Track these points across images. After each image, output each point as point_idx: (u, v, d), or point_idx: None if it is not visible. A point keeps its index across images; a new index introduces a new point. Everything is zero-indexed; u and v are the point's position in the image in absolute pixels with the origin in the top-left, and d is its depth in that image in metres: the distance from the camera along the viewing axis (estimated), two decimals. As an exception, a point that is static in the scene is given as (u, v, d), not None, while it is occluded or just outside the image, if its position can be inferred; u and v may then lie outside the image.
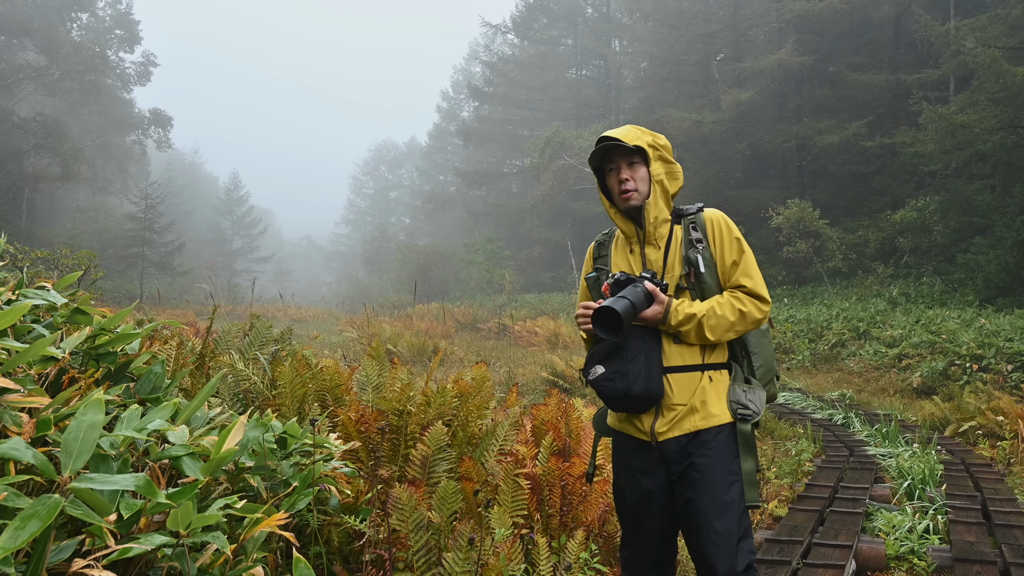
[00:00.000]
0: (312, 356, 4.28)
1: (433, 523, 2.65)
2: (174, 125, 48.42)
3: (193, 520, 1.52)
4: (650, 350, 2.16)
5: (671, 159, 2.28)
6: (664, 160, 2.25)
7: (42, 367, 2.03)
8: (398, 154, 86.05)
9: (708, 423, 2.14)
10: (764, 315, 2.19)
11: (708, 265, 2.20)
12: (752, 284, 2.19)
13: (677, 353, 2.18)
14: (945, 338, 12.38)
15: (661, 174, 2.23)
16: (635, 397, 2.14)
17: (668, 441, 2.17)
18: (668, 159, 2.27)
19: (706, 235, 2.23)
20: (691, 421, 2.15)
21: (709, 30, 30.79)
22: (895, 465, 6.19)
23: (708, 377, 2.18)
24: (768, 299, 2.20)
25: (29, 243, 22.47)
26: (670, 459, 2.17)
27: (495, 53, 52.25)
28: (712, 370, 2.21)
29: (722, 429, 2.15)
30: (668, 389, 2.17)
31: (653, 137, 2.26)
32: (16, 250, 14.83)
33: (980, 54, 16.12)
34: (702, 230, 2.24)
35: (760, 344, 2.29)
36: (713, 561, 2.08)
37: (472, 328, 23.55)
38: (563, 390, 10.00)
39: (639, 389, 2.13)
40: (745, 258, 2.22)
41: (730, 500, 2.10)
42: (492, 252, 34.70)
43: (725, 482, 2.11)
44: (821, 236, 21.72)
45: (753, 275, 2.21)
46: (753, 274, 2.21)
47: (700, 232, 2.23)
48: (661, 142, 2.27)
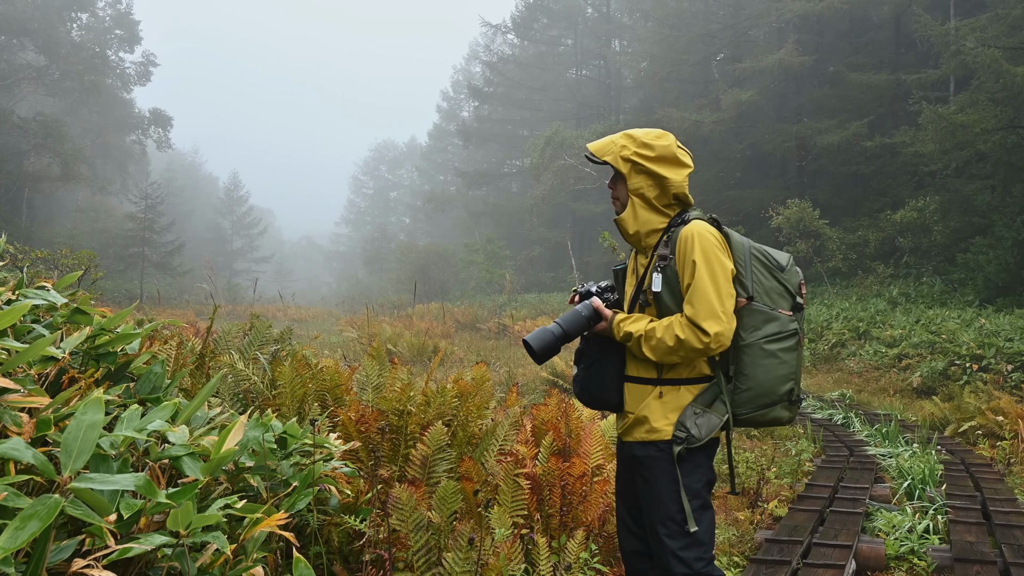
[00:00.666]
0: (312, 356, 4.29)
1: (433, 523, 2.65)
2: (174, 125, 48.44)
3: (193, 520, 1.52)
4: (610, 357, 2.25)
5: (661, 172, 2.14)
6: (648, 172, 2.15)
7: (42, 367, 2.03)
8: (398, 154, 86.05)
9: (650, 437, 2.15)
10: (704, 346, 2.02)
11: (668, 283, 2.13)
12: (692, 312, 2.04)
13: (634, 364, 2.23)
14: (945, 338, 12.38)
15: (641, 187, 2.17)
16: (586, 401, 2.30)
17: (627, 443, 2.26)
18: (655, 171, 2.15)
19: (674, 251, 2.13)
20: (639, 431, 2.19)
21: (709, 30, 30.78)
22: (895, 465, 6.19)
23: (659, 392, 2.15)
24: (709, 331, 2.00)
25: (29, 243, 22.46)
26: (629, 460, 2.26)
27: (495, 53, 52.24)
28: (669, 385, 2.15)
29: (665, 447, 2.13)
30: (625, 396, 2.24)
31: (638, 148, 2.16)
32: (16, 250, 14.82)
33: (980, 54, 16.11)
34: (672, 246, 2.14)
35: (756, 366, 2.09)
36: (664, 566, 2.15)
37: (472, 328, 23.55)
38: (563, 390, 10.00)
39: (587, 396, 2.28)
40: (696, 283, 2.06)
41: (667, 515, 2.12)
42: (492, 252, 34.70)
43: (667, 494, 2.13)
44: (821, 236, 21.72)
45: (696, 303, 2.04)
46: (696, 302, 2.04)
47: (670, 248, 2.15)
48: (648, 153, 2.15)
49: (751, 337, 2.10)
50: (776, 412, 2.14)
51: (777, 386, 2.11)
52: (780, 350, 2.11)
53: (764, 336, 2.10)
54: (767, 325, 2.11)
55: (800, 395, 2.18)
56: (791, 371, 2.13)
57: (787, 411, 2.16)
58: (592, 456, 3.70)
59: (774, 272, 2.16)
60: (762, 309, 2.12)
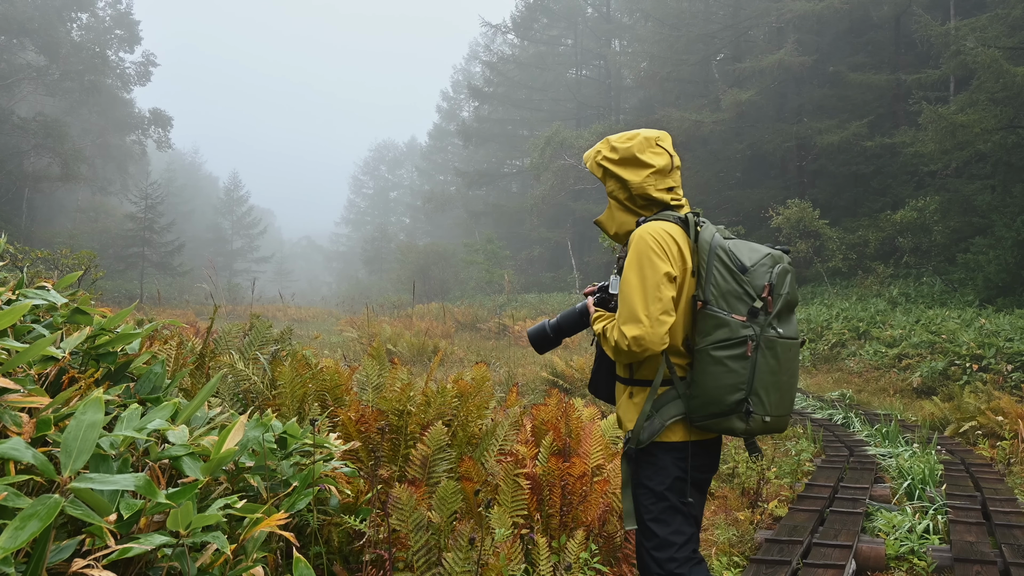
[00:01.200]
0: (312, 356, 4.29)
1: (433, 523, 2.65)
2: (174, 125, 48.48)
3: (193, 520, 1.52)
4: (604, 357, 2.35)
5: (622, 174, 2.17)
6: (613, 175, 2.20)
7: (42, 367, 2.03)
8: (398, 154, 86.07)
9: (623, 433, 2.28)
10: (628, 349, 1.99)
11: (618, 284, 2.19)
12: (618, 315, 2.05)
13: (616, 364, 2.29)
14: (945, 338, 12.38)
15: (613, 190, 2.23)
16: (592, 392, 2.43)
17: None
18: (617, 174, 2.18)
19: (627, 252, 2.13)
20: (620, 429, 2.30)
21: (709, 30, 30.78)
22: (895, 465, 6.19)
23: (629, 392, 2.19)
24: (627, 334, 1.98)
25: (29, 243, 22.48)
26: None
27: (495, 53, 52.25)
28: (638, 386, 2.16)
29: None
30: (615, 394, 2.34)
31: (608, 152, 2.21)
32: (16, 250, 14.83)
33: (980, 54, 16.11)
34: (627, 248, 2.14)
35: (705, 373, 2.01)
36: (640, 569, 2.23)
37: (472, 328, 23.56)
38: (563, 390, 10.00)
39: (592, 389, 2.42)
40: (622, 286, 2.05)
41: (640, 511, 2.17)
42: (492, 252, 34.71)
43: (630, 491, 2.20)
44: (821, 236, 21.72)
45: (621, 306, 2.04)
46: (621, 304, 2.04)
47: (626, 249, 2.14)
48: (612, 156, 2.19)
49: (702, 343, 2.03)
50: (729, 423, 2.03)
51: (724, 395, 2.00)
52: (727, 357, 1.99)
53: (712, 342, 2.00)
54: (717, 331, 2.00)
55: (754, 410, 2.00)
56: (740, 380, 1.99)
57: (741, 422, 2.02)
58: (592, 456, 3.70)
59: (735, 274, 2.03)
60: (715, 314, 2.01)
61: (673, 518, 2.12)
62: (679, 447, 2.13)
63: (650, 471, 2.14)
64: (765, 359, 2.01)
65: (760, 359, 2.00)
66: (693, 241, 2.09)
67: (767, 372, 2.02)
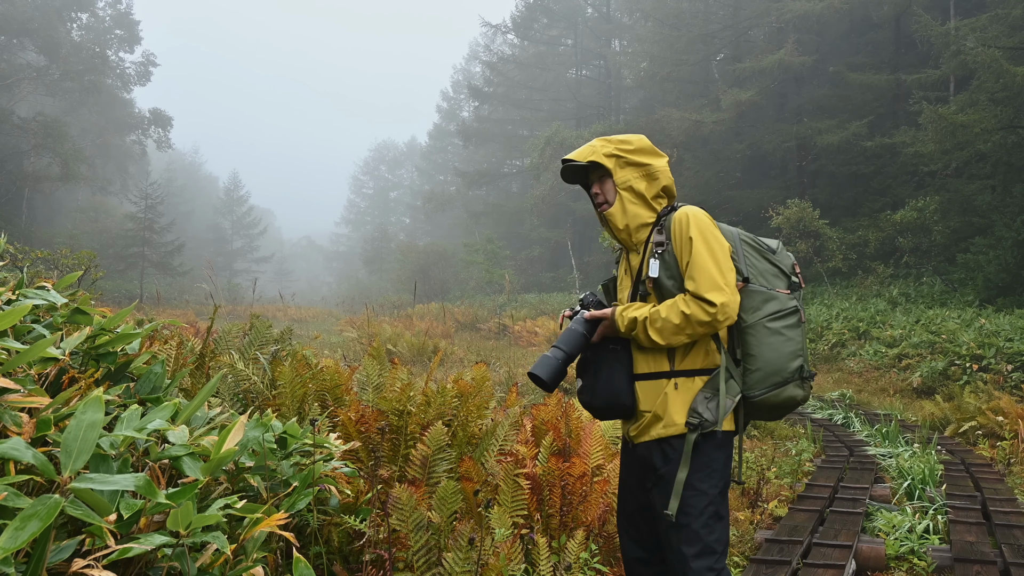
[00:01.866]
0: (312, 356, 4.28)
1: (433, 523, 2.65)
2: (174, 125, 48.46)
3: (193, 520, 1.52)
4: (618, 359, 2.21)
5: (644, 160, 2.22)
6: (634, 164, 2.21)
7: (42, 367, 2.03)
8: (398, 154, 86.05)
9: (668, 432, 2.11)
10: (712, 318, 2.02)
11: (667, 268, 2.14)
12: (695, 286, 2.05)
13: (643, 360, 2.19)
14: (945, 338, 12.37)
15: (628, 180, 2.21)
16: (599, 409, 2.23)
17: (639, 445, 2.21)
18: (639, 161, 2.21)
19: (670, 236, 2.17)
20: (655, 429, 2.14)
21: (709, 30, 30.77)
22: (895, 465, 6.19)
23: (674, 384, 2.13)
24: (715, 301, 2.01)
25: (29, 243, 22.47)
26: (643, 463, 2.21)
27: (495, 53, 52.22)
28: (682, 376, 2.13)
29: (682, 439, 2.10)
30: (637, 396, 2.19)
31: (616, 145, 2.23)
32: (16, 250, 14.83)
33: (980, 54, 16.11)
34: (667, 232, 2.18)
35: (763, 345, 2.09)
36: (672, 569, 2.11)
37: (472, 328, 23.55)
38: (563, 390, 9.99)
39: (600, 402, 2.21)
40: (694, 258, 2.08)
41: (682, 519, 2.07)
42: (492, 252, 34.70)
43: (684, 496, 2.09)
44: (821, 236, 21.71)
45: (697, 276, 2.06)
46: (697, 275, 2.06)
47: (665, 234, 2.18)
48: (627, 147, 2.22)
49: (753, 317, 2.11)
50: (789, 391, 2.12)
51: (787, 363, 2.10)
52: (784, 327, 2.11)
53: (766, 315, 2.11)
54: (767, 304, 2.12)
55: (811, 371, 2.17)
56: (798, 347, 2.12)
57: (800, 389, 2.13)
58: (592, 456, 3.70)
59: (765, 255, 2.19)
60: (759, 289, 2.13)
61: (716, 525, 2.08)
62: (729, 440, 2.16)
63: (703, 473, 2.09)
64: (803, 328, 2.19)
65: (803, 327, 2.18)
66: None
67: (806, 339, 2.20)
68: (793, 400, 2.14)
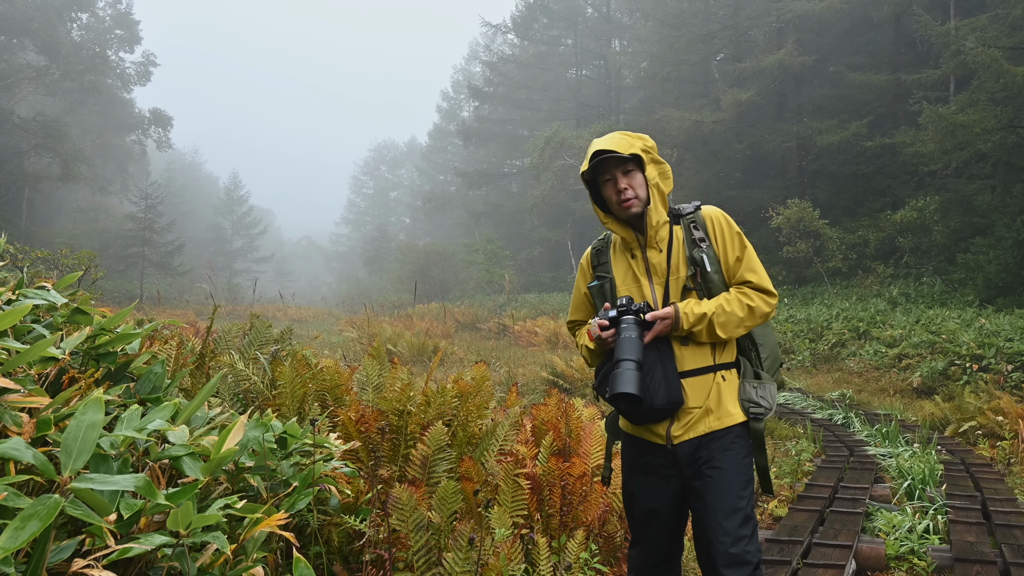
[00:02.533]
0: (312, 356, 4.28)
1: (433, 523, 2.65)
2: (174, 125, 48.47)
3: (193, 520, 1.52)
4: (665, 359, 2.16)
5: (660, 159, 2.29)
6: (656, 162, 2.26)
7: (42, 367, 2.03)
8: (398, 154, 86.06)
9: (723, 423, 2.15)
10: (772, 308, 2.22)
11: (712, 263, 2.20)
12: (758, 279, 2.21)
13: (689, 357, 2.18)
14: (945, 338, 12.37)
15: (656, 177, 2.22)
16: (659, 410, 2.15)
17: (683, 444, 2.18)
18: (658, 160, 2.27)
19: (707, 233, 2.24)
20: (706, 423, 2.15)
21: (709, 30, 30.76)
22: (895, 465, 6.19)
23: (721, 376, 2.20)
24: (774, 292, 2.23)
25: (29, 243, 22.48)
26: (684, 461, 2.18)
27: (495, 53, 52.23)
28: (724, 369, 2.22)
29: (735, 429, 2.17)
30: (687, 393, 2.17)
31: (642, 141, 2.25)
32: (16, 250, 14.83)
33: (980, 54, 16.11)
34: (703, 228, 2.24)
35: (764, 335, 2.32)
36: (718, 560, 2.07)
37: (472, 328, 23.55)
38: (563, 390, 10.00)
39: (661, 401, 2.12)
40: (748, 253, 2.24)
41: (741, 501, 2.10)
42: (492, 252, 34.71)
43: (738, 483, 2.11)
44: (821, 236, 21.71)
45: (757, 269, 2.23)
46: (757, 268, 2.23)
47: (701, 231, 2.24)
48: (649, 144, 2.26)
49: None
50: (780, 376, 2.37)
51: (779, 351, 2.37)
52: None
53: None
54: None
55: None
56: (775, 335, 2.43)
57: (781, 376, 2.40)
58: (592, 456, 3.69)
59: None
60: None
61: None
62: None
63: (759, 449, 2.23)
64: None
65: None
66: None
67: None
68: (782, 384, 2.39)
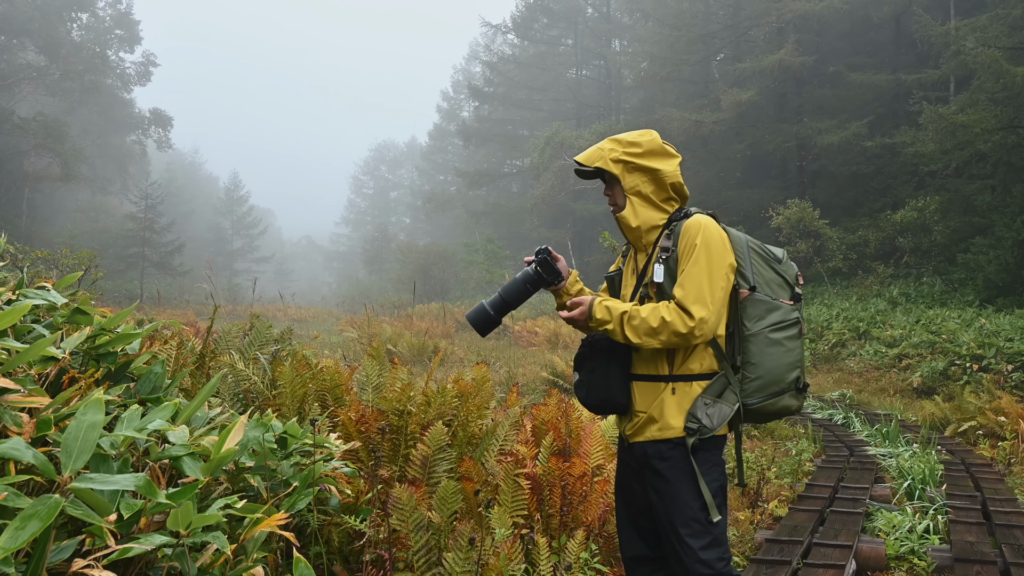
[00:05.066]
0: (312, 356, 4.28)
1: (433, 523, 2.65)
2: (174, 125, 48.50)
3: (193, 520, 1.52)
4: (616, 358, 2.22)
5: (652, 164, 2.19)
6: (641, 169, 2.19)
7: (42, 367, 2.03)
8: (398, 154, 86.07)
9: (664, 435, 2.12)
10: (688, 330, 2.02)
11: (671, 274, 2.14)
12: (681, 295, 2.05)
13: (639, 361, 2.20)
14: (945, 338, 12.37)
15: (636, 185, 2.20)
16: (593, 406, 2.27)
17: (636, 444, 2.22)
18: (646, 166, 2.19)
19: (676, 244, 2.15)
20: (650, 430, 2.15)
21: (709, 30, 30.76)
22: (895, 465, 6.19)
23: (671, 389, 2.13)
24: (695, 315, 2.01)
25: (29, 243, 22.48)
26: (640, 462, 2.21)
27: (495, 53, 52.23)
28: (681, 381, 2.12)
29: (680, 443, 2.11)
30: (633, 396, 2.21)
31: (625, 148, 2.20)
32: (16, 250, 14.83)
33: (980, 54, 16.11)
34: (675, 238, 2.16)
35: (764, 354, 2.12)
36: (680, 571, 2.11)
37: (472, 328, 23.51)
38: (563, 390, 10.00)
39: (595, 399, 2.24)
40: (690, 267, 2.07)
41: (688, 515, 2.09)
42: (492, 252, 34.70)
43: (684, 496, 2.10)
44: (821, 236, 21.71)
45: (687, 286, 2.05)
46: (688, 285, 2.05)
47: (673, 240, 2.17)
48: (636, 151, 2.19)
49: (756, 326, 2.12)
50: (785, 401, 2.16)
51: (785, 374, 2.14)
52: (785, 338, 2.15)
53: (769, 325, 2.13)
54: (771, 314, 2.14)
55: (806, 383, 2.22)
56: (797, 359, 2.17)
57: (795, 399, 2.18)
58: (592, 456, 3.70)
59: (772, 264, 2.21)
60: (764, 299, 2.15)
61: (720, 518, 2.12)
62: (722, 442, 2.17)
63: (704, 467, 2.12)
64: (802, 339, 2.23)
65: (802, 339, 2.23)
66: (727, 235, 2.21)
67: (803, 351, 2.24)
68: (788, 410, 2.18)
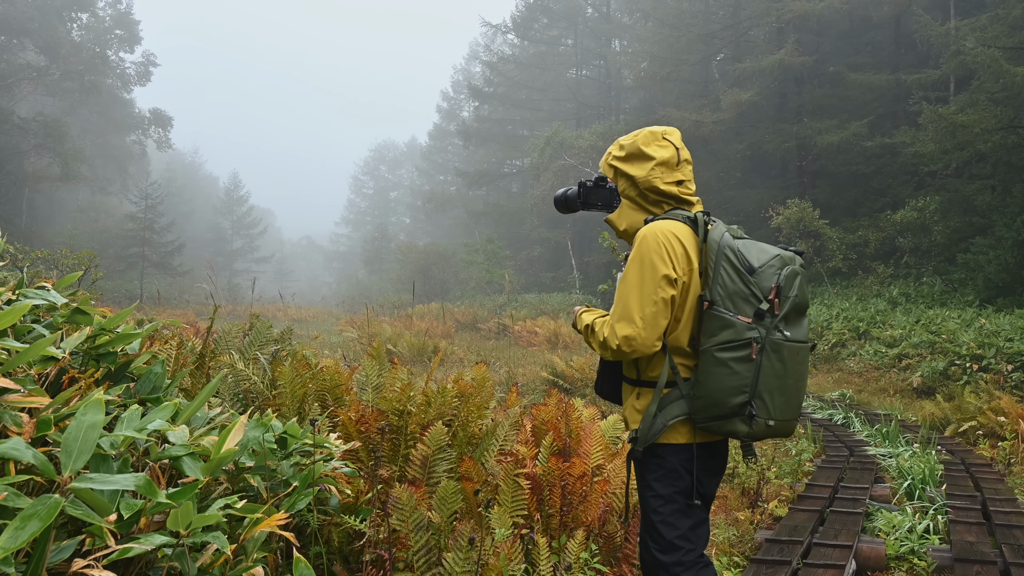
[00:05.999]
0: (312, 356, 4.28)
1: (433, 523, 2.65)
2: (174, 125, 48.52)
3: (193, 520, 1.52)
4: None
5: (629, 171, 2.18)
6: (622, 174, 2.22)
7: (42, 367, 2.03)
8: (398, 154, 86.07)
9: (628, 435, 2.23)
10: (616, 348, 2.00)
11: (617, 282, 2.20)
12: (612, 312, 2.06)
13: (625, 364, 2.27)
14: (945, 338, 12.37)
15: (624, 188, 2.25)
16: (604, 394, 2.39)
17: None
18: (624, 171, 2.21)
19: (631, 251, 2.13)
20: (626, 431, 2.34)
21: (709, 30, 30.76)
22: (895, 465, 6.19)
23: (637, 394, 2.18)
24: (618, 333, 1.99)
25: (29, 243, 22.48)
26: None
27: (495, 53, 52.21)
28: (646, 387, 2.13)
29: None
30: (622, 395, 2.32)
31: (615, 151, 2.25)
32: (16, 250, 14.83)
33: (980, 54, 16.11)
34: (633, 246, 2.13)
35: (708, 373, 1.98)
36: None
37: (472, 328, 23.56)
38: (563, 390, 9.99)
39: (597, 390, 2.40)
40: (620, 283, 2.06)
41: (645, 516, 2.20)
42: (492, 252, 34.70)
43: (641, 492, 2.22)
44: (821, 236, 21.71)
45: (616, 301, 2.04)
46: (616, 300, 2.04)
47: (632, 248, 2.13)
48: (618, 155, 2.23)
49: (707, 343, 2.00)
50: (732, 425, 2.00)
51: (727, 397, 1.97)
52: (731, 359, 1.96)
53: (717, 343, 1.98)
54: (722, 332, 1.98)
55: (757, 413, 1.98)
56: (743, 383, 1.96)
57: (744, 425, 1.99)
58: (592, 456, 3.69)
59: (742, 275, 2.00)
60: (720, 314, 1.98)
61: (681, 521, 2.11)
62: (685, 449, 2.11)
63: (659, 473, 2.12)
64: (770, 362, 1.98)
65: (765, 362, 1.97)
66: (702, 241, 2.06)
67: (772, 375, 1.99)
68: (736, 435, 2.02)
